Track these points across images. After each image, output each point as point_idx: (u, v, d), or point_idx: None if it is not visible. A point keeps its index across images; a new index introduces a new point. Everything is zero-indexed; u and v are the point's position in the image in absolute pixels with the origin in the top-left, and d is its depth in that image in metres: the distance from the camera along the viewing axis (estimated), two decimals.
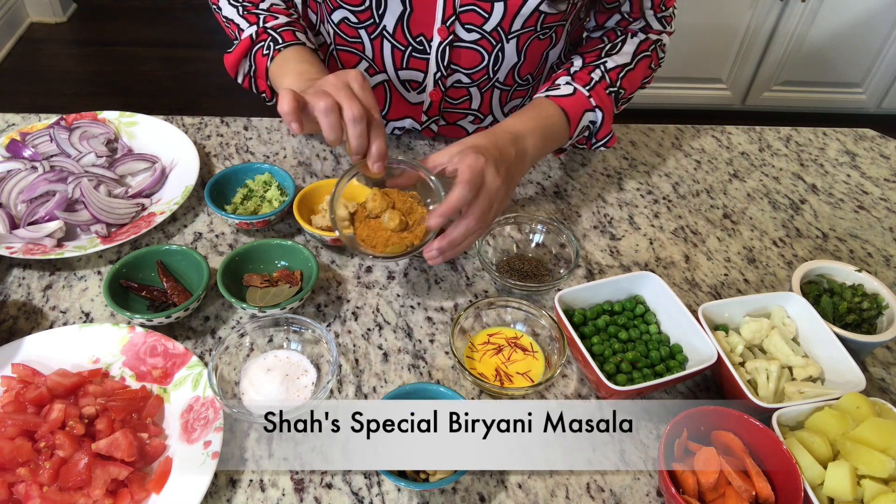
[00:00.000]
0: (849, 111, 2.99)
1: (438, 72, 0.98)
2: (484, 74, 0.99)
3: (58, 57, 3.14)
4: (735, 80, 2.82)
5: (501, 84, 1.02)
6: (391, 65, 0.98)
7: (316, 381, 0.77)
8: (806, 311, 0.81)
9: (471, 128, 1.10)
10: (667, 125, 1.24)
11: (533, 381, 0.78)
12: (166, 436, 0.71)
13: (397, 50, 0.96)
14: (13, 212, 0.92)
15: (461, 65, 0.97)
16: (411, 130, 1.13)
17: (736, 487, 0.65)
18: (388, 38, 0.95)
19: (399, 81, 1.01)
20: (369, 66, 1.00)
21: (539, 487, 0.70)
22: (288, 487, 0.69)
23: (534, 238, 0.95)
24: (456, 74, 0.99)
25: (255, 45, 0.95)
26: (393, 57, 0.97)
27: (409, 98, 1.04)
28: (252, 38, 0.95)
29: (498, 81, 1.01)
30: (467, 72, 0.98)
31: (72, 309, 0.84)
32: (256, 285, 0.84)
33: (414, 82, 1.01)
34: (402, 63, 0.98)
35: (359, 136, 0.74)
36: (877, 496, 0.63)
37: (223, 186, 0.98)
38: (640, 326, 0.82)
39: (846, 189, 1.14)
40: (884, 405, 0.71)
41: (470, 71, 0.98)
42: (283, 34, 0.94)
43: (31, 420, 0.68)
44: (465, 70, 0.98)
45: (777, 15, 2.60)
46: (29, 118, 1.12)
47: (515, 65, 0.99)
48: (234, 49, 0.97)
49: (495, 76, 1.00)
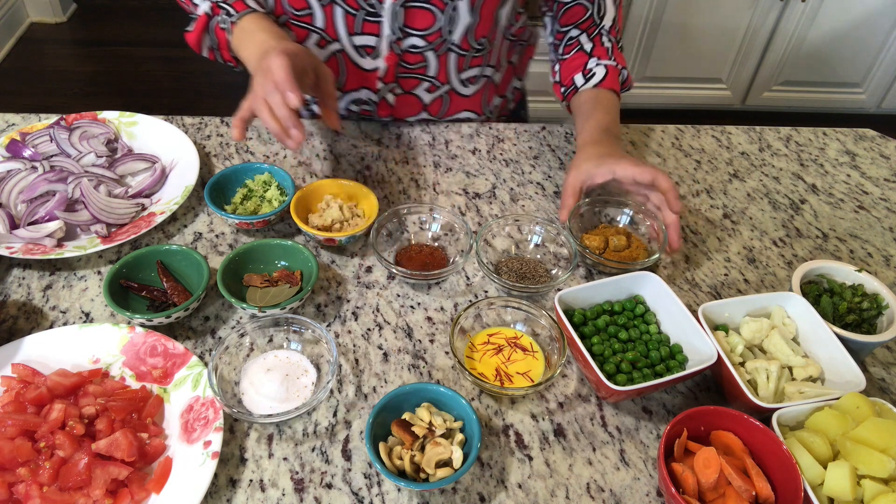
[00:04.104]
0: (849, 111, 2.99)
1: (392, 34, 0.99)
2: (439, 36, 1.00)
3: (58, 57, 3.14)
4: (735, 80, 2.82)
5: (457, 48, 1.03)
6: (344, 31, 1.00)
7: (316, 381, 0.77)
8: (806, 311, 0.81)
9: (426, 97, 1.11)
10: (667, 125, 1.24)
11: (533, 381, 0.78)
12: (166, 436, 0.71)
13: (349, 15, 0.98)
14: (13, 212, 0.92)
15: (415, 26, 0.99)
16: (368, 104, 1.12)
17: (736, 487, 0.65)
18: (340, 3, 0.97)
19: (353, 48, 1.02)
20: (321, 38, 1.01)
21: (539, 487, 0.70)
22: (288, 487, 0.69)
23: (532, 239, 0.95)
24: (410, 38, 1.00)
25: (212, 19, 0.97)
26: (346, 22, 0.98)
27: (363, 65, 1.04)
28: (208, 13, 0.97)
29: (453, 45, 1.03)
30: (421, 33, 1.00)
31: (72, 309, 0.84)
32: (256, 285, 0.84)
33: (368, 47, 1.02)
34: (354, 28, 0.99)
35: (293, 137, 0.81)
36: (877, 496, 0.63)
37: (223, 186, 0.98)
38: (640, 326, 0.82)
39: (846, 189, 1.14)
40: (884, 405, 0.71)
41: (424, 32, 0.99)
42: (235, 5, 0.95)
43: (31, 420, 0.68)
44: (419, 32, 0.99)
45: (777, 15, 2.60)
46: (29, 118, 1.12)
47: (469, 25, 1.00)
48: (193, 27, 0.99)
49: (450, 38, 1.01)
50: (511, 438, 0.74)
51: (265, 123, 0.82)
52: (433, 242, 0.95)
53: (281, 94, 0.80)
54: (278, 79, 0.80)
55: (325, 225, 0.92)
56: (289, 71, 0.80)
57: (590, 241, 0.93)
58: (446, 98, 1.13)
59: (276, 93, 0.80)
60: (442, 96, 1.12)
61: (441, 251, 0.94)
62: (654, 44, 2.66)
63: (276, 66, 0.81)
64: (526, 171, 1.10)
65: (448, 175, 1.08)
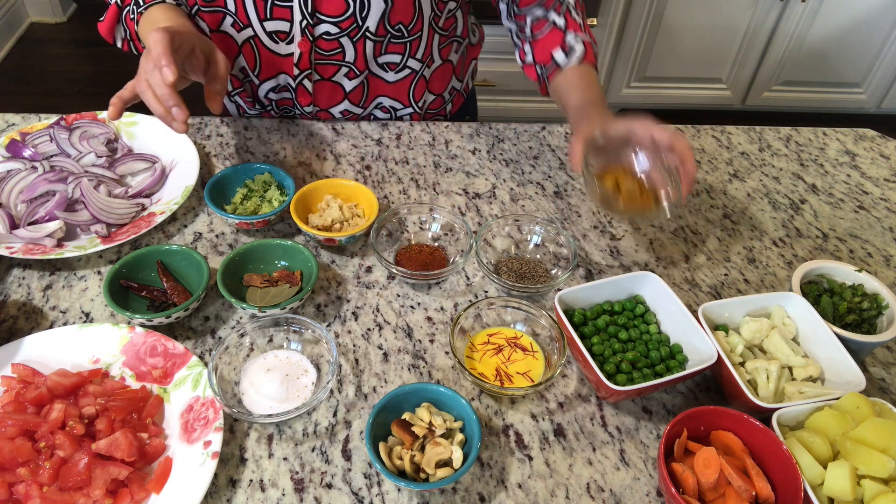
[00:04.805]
0: (849, 111, 2.99)
1: (304, 19, 0.98)
2: (352, 23, 0.99)
3: (58, 57, 3.14)
4: (735, 80, 2.82)
5: (373, 34, 1.02)
6: (255, 16, 0.98)
7: (316, 381, 0.77)
8: (806, 311, 0.81)
9: (347, 84, 1.09)
10: (667, 125, 1.24)
11: (533, 381, 0.78)
12: (166, 436, 0.71)
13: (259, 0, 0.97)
14: (13, 212, 0.92)
15: (326, 12, 0.98)
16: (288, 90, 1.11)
17: (736, 487, 0.65)
18: None
19: (266, 34, 1.01)
20: (234, 22, 1.00)
21: (539, 487, 0.70)
22: (288, 487, 0.69)
23: (532, 239, 0.95)
24: (323, 25, 0.99)
25: (123, 9, 0.97)
26: (256, 7, 0.97)
27: (277, 50, 1.03)
28: (118, 3, 0.97)
29: (369, 31, 1.01)
30: (334, 20, 0.98)
31: (72, 309, 0.84)
32: (256, 285, 0.84)
33: (281, 33, 1.01)
34: (265, 13, 0.98)
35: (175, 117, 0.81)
36: (877, 496, 0.63)
37: (223, 186, 0.98)
38: (640, 326, 0.82)
39: (846, 189, 1.14)
40: (884, 405, 0.71)
41: (337, 19, 0.98)
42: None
43: (31, 420, 0.68)
44: (331, 18, 0.98)
45: (777, 15, 2.60)
46: (29, 118, 1.12)
47: (384, 11, 0.99)
48: (104, 17, 0.99)
49: (364, 24, 1.00)
50: (511, 438, 0.74)
51: (149, 105, 0.81)
52: (433, 242, 0.95)
53: (159, 70, 0.78)
54: (154, 54, 0.78)
55: (325, 225, 0.92)
56: (166, 46, 0.78)
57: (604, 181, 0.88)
58: (367, 84, 1.11)
59: (154, 71, 0.79)
60: (363, 82, 1.10)
61: (441, 251, 0.94)
62: (654, 44, 2.65)
63: (153, 42, 0.78)
64: (526, 171, 1.10)
65: (448, 175, 1.08)
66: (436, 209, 0.95)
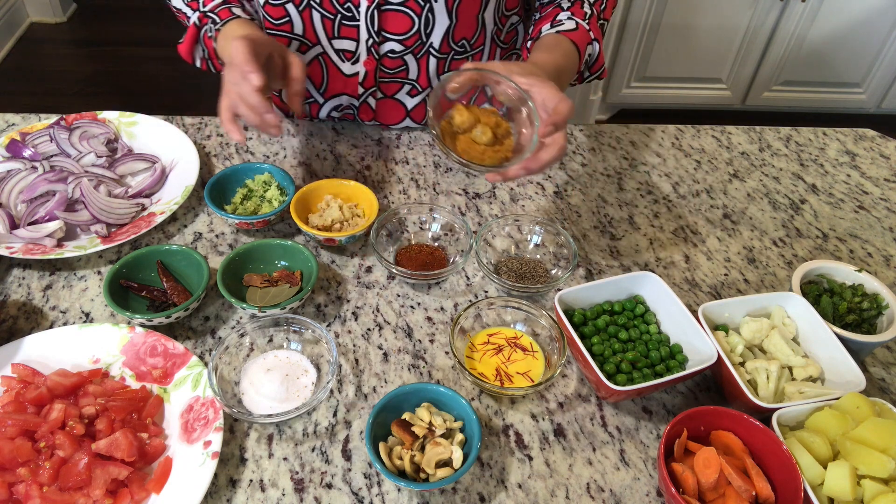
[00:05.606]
0: (849, 111, 2.99)
1: (370, 38, 0.99)
2: (417, 40, 1.00)
3: (58, 57, 3.14)
4: (735, 80, 2.82)
5: (437, 51, 1.02)
6: (323, 35, 1.00)
7: (316, 381, 0.77)
8: (806, 311, 0.81)
9: (409, 101, 1.10)
10: (667, 125, 1.24)
11: (533, 381, 0.78)
12: (166, 436, 0.71)
13: (327, 19, 0.98)
14: (13, 212, 0.92)
15: (392, 30, 0.98)
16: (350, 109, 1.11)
17: (736, 487, 0.65)
18: (316, 7, 0.97)
19: (334, 51, 1.02)
20: (301, 44, 1.01)
21: (539, 487, 0.70)
22: (288, 487, 0.69)
23: (532, 239, 0.95)
24: (389, 43, 1.00)
25: (201, 29, 0.98)
26: (324, 26, 0.99)
27: (343, 69, 1.04)
28: (196, 24, 0.98)
29: (433, 48, 1.02)
30: (399, 38, 0.99)
31: (72, 309, 0.84)
32: (256, 285, 0.84)
33: (348, 52, 1.02)
34: (333, 32, 0.99)
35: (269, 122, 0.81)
36: (877, 496, 0.63)
37: (223, 186, 0.98)
38: (640, 326, 0.82)
39: (846, 189, 1.14)
40: (884, 405, 0.71)
41: (402, 37, 0.99)
42: (220, 13, 0.96)
43: (31, 420, 0.68)
44: (396, 36, 0.99)
45: (777, 15, 2.60)
46: (29, 118, 1.12)
47: (448, 28, 0.99)
48: (184, 38, 0.99)
49: (429, 41, 1.01)
50: (511, 438, 0.74)
51: (244, 117, 0.82)
52: (433, 242, 0.95)
53: (244, 77, 0.79)
54: (238, 61, 0.79)
55: (325, 225, 0.92)
56: (249, 53, 0.79)
57: (458, 115, 0.77)
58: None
59: (242, 81, 0.80)
60: (425, 100, 1.11)
61: (441, 251, 0.94)
62: (654, 44, 2.66)
63: (235, 50, 0.80)
64: None
65: (448, 175, 1.08)
66: (436, 209, 0.95)
